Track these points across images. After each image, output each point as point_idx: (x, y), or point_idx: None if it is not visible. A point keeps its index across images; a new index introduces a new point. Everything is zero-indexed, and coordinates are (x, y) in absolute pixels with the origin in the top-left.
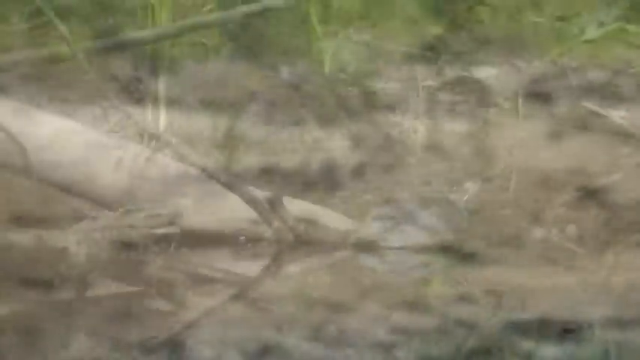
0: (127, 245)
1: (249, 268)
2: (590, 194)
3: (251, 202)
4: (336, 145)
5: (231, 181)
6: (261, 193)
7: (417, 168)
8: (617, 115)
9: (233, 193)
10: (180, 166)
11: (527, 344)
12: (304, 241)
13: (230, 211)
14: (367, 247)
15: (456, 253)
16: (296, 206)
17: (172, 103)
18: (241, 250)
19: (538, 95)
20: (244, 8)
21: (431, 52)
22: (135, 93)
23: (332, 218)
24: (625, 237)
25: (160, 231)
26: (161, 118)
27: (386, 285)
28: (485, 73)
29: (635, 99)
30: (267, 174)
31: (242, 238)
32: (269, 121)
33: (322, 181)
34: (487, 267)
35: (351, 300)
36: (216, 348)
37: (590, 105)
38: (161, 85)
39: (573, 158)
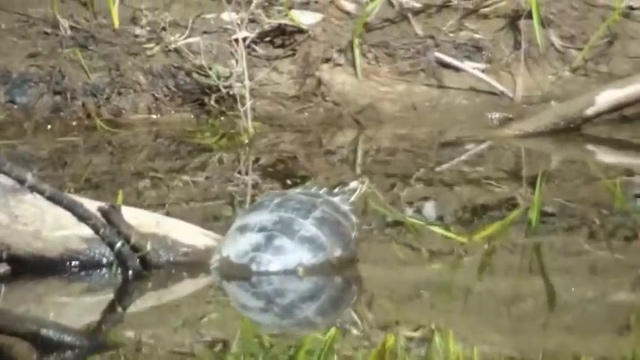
0: None
1: (86, 307)
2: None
3: (83, 217)
4: None
5: (56, 192)
6: (92, 203)
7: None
8: (476, 67)
9: (59, 206)
10: None
11: None
12: (154, 265)
13: (55, 228)
14: (235, 271)
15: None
16: (138, 218)
17: None
18: (75, 281)
19: (379, 45)
20: None
21: None
22: None
23: (186, 231)
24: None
25: None
26: None
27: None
28: (310, 18)
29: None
30: None
31: (74, 263)
32: None
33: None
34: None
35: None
36: None
37: (443, 56)
38: None
39: (430, 123)
